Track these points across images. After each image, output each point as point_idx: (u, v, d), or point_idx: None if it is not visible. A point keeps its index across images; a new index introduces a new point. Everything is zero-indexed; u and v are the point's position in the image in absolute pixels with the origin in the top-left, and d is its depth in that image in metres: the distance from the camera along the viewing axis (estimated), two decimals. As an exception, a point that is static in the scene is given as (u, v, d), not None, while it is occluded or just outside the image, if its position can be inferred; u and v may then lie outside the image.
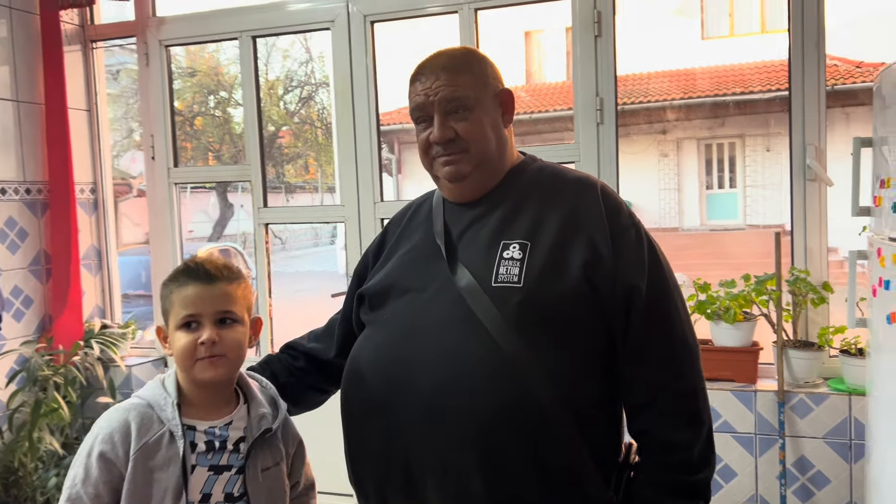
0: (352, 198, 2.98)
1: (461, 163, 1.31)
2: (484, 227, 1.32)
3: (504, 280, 1.24)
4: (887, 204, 1.97)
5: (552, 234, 1.26)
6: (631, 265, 1.25)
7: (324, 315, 1.60)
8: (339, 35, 2.94)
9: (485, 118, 1.32)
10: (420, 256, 1.36)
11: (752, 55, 11.70)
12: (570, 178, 1.36)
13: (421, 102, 1.32)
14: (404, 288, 1.33)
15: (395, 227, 1.48)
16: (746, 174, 12.19)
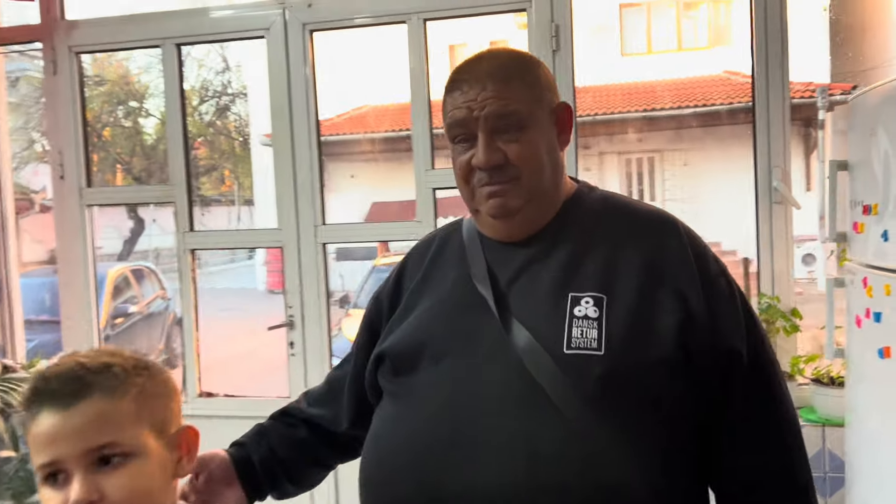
0: (290, 220, 2.72)
1: (510, 195, 1.05)
2: (541, 273, 1.05)
3: (580, 346, 0.97)
4: (874, 231, 1.89)
5: (632, 285, 1.01)
6: (728, 325, 1.02)
7: (253, 340, 1.32)
8: (274, 44, 2.70)
9: (540, 139, 1.06)
10: (457, 308, 1.08)
11: (669, 72, 11.99)
12: (643, 212, 1.12)
13: (462, 118, 1.05)
14: (440, 350, 1.05)
15: (415, 265, 1.18)
16: (665, 188, 12.47)
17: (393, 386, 1.09)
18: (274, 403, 2.78)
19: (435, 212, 2.65)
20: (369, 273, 6.66)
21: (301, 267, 2.71)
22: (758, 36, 2.42)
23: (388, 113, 11.18)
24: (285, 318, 2.75)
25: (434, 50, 2.62)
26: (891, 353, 1.79)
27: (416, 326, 1.09)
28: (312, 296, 2.71)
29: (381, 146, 11.45)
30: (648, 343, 0.97)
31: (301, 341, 2.73)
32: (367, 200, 11.50)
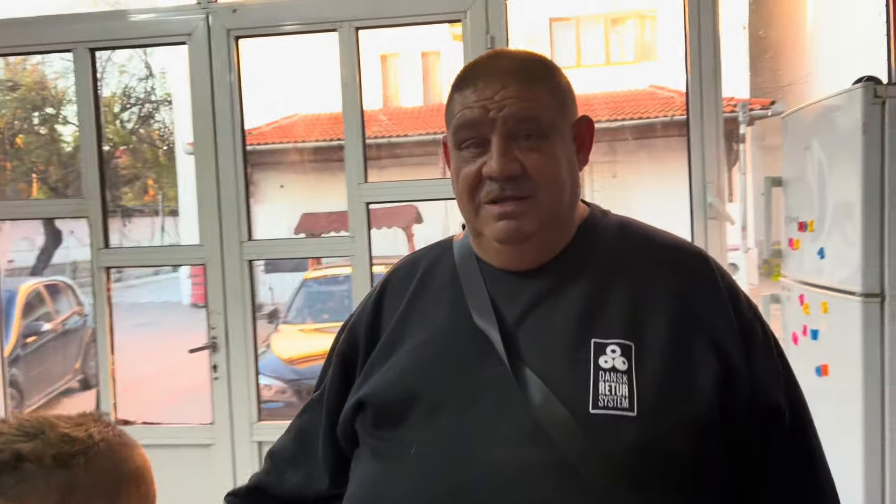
0: (213, 236, 2.57)
1: (524, 217, 0.88)
2: (556, 312, 0.89)
3: (608, 404, 0.82)
4: (810, 248, 1.89)
5: (664, 332, 0.86)
6: (768, 379, 0.88)
7: (174, 358, 1.15)
8: (197, 50, 2.55)
9: (562, 153, 0.91)
10: (454, 349, 0.91)
11: (598, 86, 12.23)
12: (670, 244, 0.96)
13: (474, 118, 0.89)
14: (436, 402, 0.88)
15: (396, 292, 1.00)
16: (594, 199, 12.68)
17: (375, 441, 0.92)
18: (197, 432, 2.64)
19: (368, 226, 2.55)
20: (300, 286, 6.47)
21: (225, 285, 2.56)
22: (691, 52, 2.42)
23: (319, 122, 11.01)
24: (207, 339, 2.60)
25: (365, 59, 2.53)
26: (829, 371, 1.79)
27: (405, 369, 0.92)
28: (237, 316, 2.56)
29: (311, 156, 11.25)
30: (685, 402, 0.83)
31: (225, 364, 2.57)
32: (296, 211, 11.28)
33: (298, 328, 5.87)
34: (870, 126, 1.59)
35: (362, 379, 0.95)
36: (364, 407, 0.93)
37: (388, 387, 0.91)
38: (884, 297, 1.61)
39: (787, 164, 2.06)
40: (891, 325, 1.61)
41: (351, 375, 0.99)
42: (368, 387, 0.93)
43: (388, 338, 0.96)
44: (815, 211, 1.85)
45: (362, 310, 1.03)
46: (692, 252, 0.96)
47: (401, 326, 0.96)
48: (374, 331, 0.98)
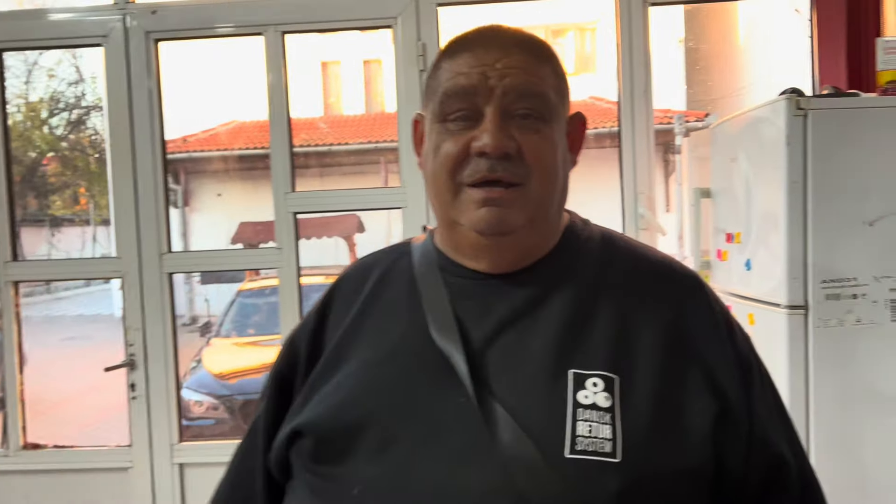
0: (130, 248, 2.45)
1: (512, 206, 0.76)
2: (531, 333, 0.76)
3: (588, 448, 0.69)
4: (737, 259, 1.89)
5: (653, 364, 0.74)
6: (766, 420, 0.77)
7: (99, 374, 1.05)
8: (113, 52, 2.43)
9: (559, 143, 0.79)
10: (410, 372, 0.78)
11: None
12: (659, 263, 0.84)
13: (471, 85, 0.76)
14: (387, 434, 0.75)
15: (344, 302, 0.86)
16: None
17: (314, 477, 0.78)
18: (113, 455, 2.50)
19: (296, 237, 2.47)
20: (234, 298, 6.28)
21: (143, 300, 2.43)
22: (623, 65, 2.42)
23: (256, 129, 10.81)
24: (125, 356, 2.47)
25: (307, 66, 2.45)
26: (756, 383, 1.79)
27: (351, 394, 0.78)
28: (157, 332, 2.44)
29: (248, 164, 11.04)
30: (676, 447, 0.72)
31: (144, 383, 2.44)
32: (234, 220, 11.04)
33: (232, 342, 5.70)
34: (793, 138, 1.59)
35: (301, 402, 0.82)
36: (301, 437, 0.79)
37: (331, 414, 0.77)
38: (808, 308, 1.61)
39: (715, 176, 2.06)
40: (815, 336, 1.61)
41: (289, 399, 0.85)
42: (307, 413, 0.80)
43: (332, 354, 0.82)
44: (742, 223, 1.85)
45: (304, 323, 0.89)
46: (684, 273, 0.84)
47: (347, 342, 0.82)
48: (317, 346, 0.85)
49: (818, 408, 1.62)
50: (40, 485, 2.50)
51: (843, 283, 1.61)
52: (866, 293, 1.61)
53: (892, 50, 1.68)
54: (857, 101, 1.65)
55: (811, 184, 1.60)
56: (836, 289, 1.60)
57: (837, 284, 1.61)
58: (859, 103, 1.65)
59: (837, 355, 1.62)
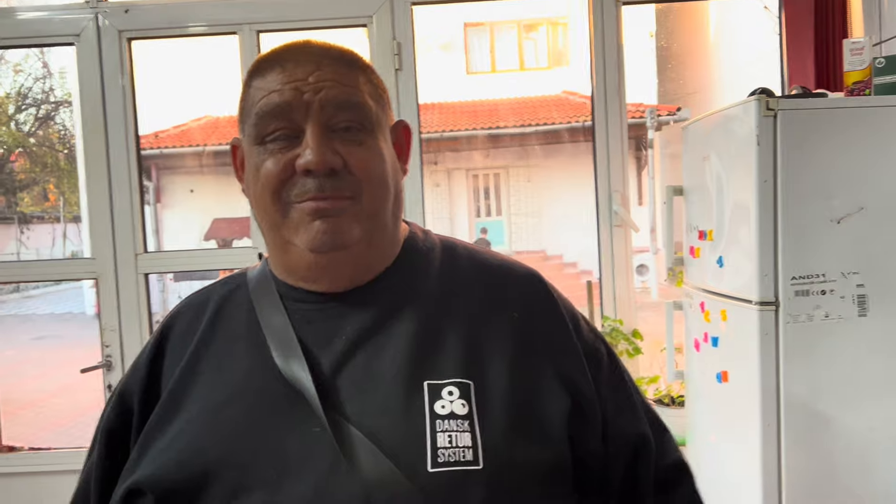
0: (105, 249, 2.43)
1: (345, 217, 0.73)
2: (381, 351, 0.74)
3: (450, 459, 0.68)
4: (709, 256, 1.93)
5: (504, 366, 0.74)
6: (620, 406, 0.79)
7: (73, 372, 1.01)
8: (86, 52, 2.41)
9: (387, 153, 0.77)
10: (257, 411, 0.73)
11: (512, 91, 12.38)
12: (500, 267, 0.84)
13: (285, 102, 0.73)
14: (237, 482, 0.69)
15: (179, 341, 0.81)
16: (511, 203, 12.83)
17: None
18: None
19: (273, 237, 2.46)
20: (209, 296, 6.22)
21: (119, 300, 2.42)
22: (596, 60, 2.45)
23: (229, 124, 10.71)
24: (102, 357, 2.45)
25: None
26: (728, 378, 1.83)
27: (192, 442, 0.72)
28: (134, 332, 2.43)
29: (221, 159, 10.94)
30: (535, 445, 0.72)
31: (121, 384, 2.43)
32: (207, 216, 10.93)
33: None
34: (763, 138, 1.62)
35: (136, 456, 0.74)
36: (140, 495, 0.72)
37: (172, 466, 0.71)
38: (778, 304, 1.65)
39: (687, 174, 2.10)
40: (785, 331, 1.65)
41: (121, 456, 0.78)
42: (145, 467, 0.72)
43: (168, 401, 0.76)
44: (714, 220, 1.89)
45: (133, 371, 0.81)
46: (525, 273, 0.84)
47: (184, 385, 0.76)
48: (150, 396, 0.78)
49: (789, 400, 1.66)
50: (16, 487, 2.48)
51: (811, 279, 1.65)
52: (834, 289, 1.65)
53: (858, 51, 1.72)
54: (825, 102, 1.69)
55: (781, 183, 1.63)
56: (805, 285, 1.64)
57: (806, 281, 1.64)
58: (827, 104, 1.69)
59: (807, 350, 1.66)
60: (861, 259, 1.65)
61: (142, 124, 2.48)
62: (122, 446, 0.78)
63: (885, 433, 1.65)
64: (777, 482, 1.68)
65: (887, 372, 1.66)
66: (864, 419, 1.67)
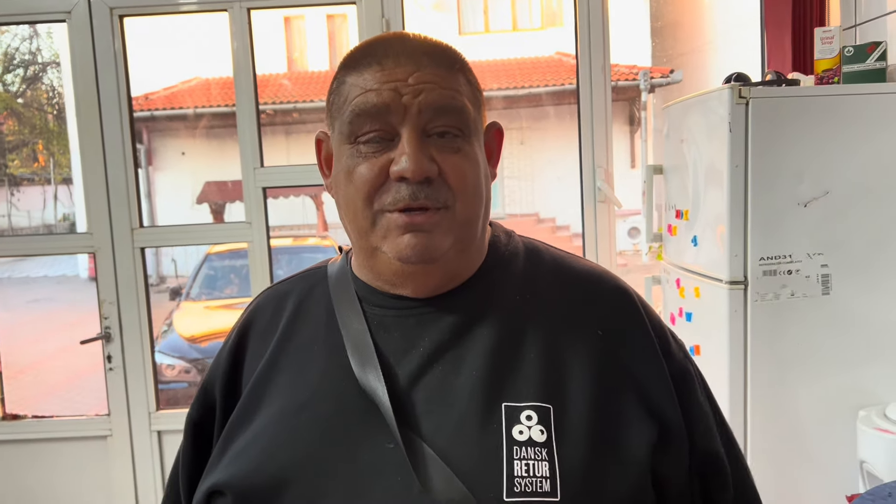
0: (103, 224, 2.49)
1: (437, 230, 0.71)
2: (460, 366, 0.72)
3: (527, 489, 0.65)
4: (685, 235, 2.01)
5: (587, 389, 0.71)
6: (703, 425, 0.76)
7: (70, 334, 1.01)
8: (78, 29, 2.43)
9: (481, 159, 0.74)
10: (331, 420, 0.72)
11: (505, 52, 12.31)
12: (585, 276, 0.80)
13: (383, 103, 0.70)
14: (311, 492, 0.69)
15: (259, 338, 0.81)
16: (504, 166, 12.85)
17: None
18: (92, 424, 2.58)
19: (265, 211, 2.53)
20: (202, 261, 6.30)
21: (117, 274, 2.49)
22: (581, 28, 2.47)
23: (220, 86, 10.64)
24: (101, 329, 2.53)
25: (268, 21, 2.47)
26: (700, 351, 1.92)
27: (268, 447, 0.72)
28: (132, 305, 2.50)
29: (212, 122, 10.89)
30: (617, 477, 0.69)
31: (120, 355, 2.52)
32: (199, 179, 10.92)
33: (202, 305, 5.75)
34: (735, 125, 1.69)
35: (218, 453, 0.76)
36: (221, 495, 0.73)
37: (249, 471, 0.72)
38: (747, 283, 1.74)
39: (667, 154, 2.17)
40: (753, 309, 1.74)
41: (206, 447, 0.81)
42: (223, 469, 0.74)
43: (248, 400, 0.77)
44: (690, 200, 1.96)
45: (216, 364, 0.83)
46: (613, 286, 0.79)
47: (263, 385, 0.77)
48: (233, 388, 0.80)
49: (755, 374, 1.76)
50: (21, 454, 2.58)
51: (779, 259, 1.73)
52: (800, 269, 1.74)
53: (829, 40, 1.78)
54: (794, 91, 1.76)
55: (751, 167, 1.71)
56: (772, 265, 1.73)
57: (774, 261, 1.73)
58: (796, 92, 1.75)
59: (773, 327, 1.75)
60: (826, 241, 1.73)
61: (132, 87, 2.52)
62: (205, 437, 0.82)
63: (843, 403, 1.76)
64: (743, 447, 1.80)
65: (847, 346, 1.76)
66: (824, 390, 1.77)
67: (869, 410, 1.67)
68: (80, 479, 2.59)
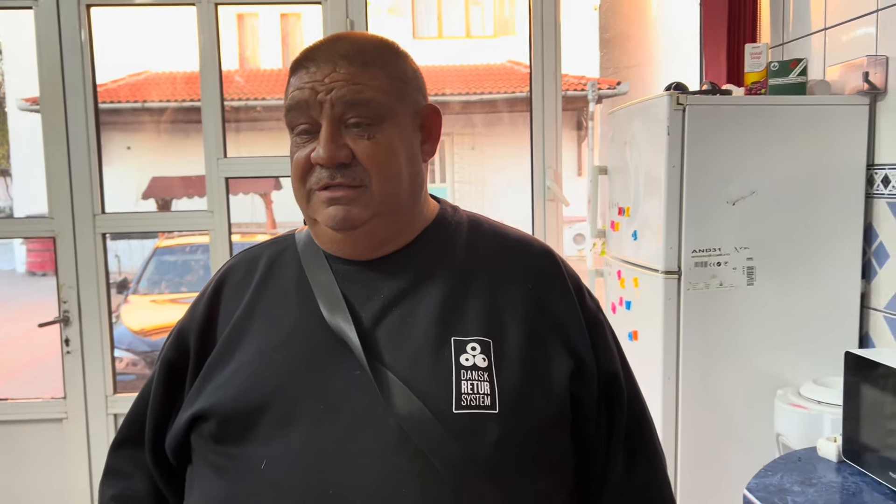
0: (64, 209, 2.53)
1: (355, 203, 0.85)
2: (415, 310, 0.86)
3: (471, 403, 0.81)
4: (626, 230, 2.17)
5: (519, 328, 0.87)
6: (608, 359, 0.93)
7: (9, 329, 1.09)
8: (44, 18, 2.48)
9: (398, 141, 0.87)
10: (306, 354, 0.85)
11: (458, 58, 12.47)
12: (520, 241, 0.96)
13: (303, 99, 0.85)
14: (288, 413, 0.82)
15: (234, 291, 0.94)
16: (455, 171, 13.01)
17: (218, 457, 0.84)
18: (48, 406, 2.60)
19: (227, 201, 2.60)
20: (151, 255, 6.26)
21: (77, 259, 2.53)
22: (535, 39, 2.62)
23: (172, 81, 10.52)
24: (59, 313, 2.56)
25: (222, 17, 2.54)
26: (638, 336, 2.08)
27: (250, 377, 0.85)
28: (91, 289, 2.55)
29: (161, 117, 10.75)
30: (542, 397, 0.85)
31: (78, 338, 2.56)
32: (145, 174, 10.76)
33: (150, 299, 5.73)
34: (672, 129, 1.85)
35: (197, 388, 0.88)
36: (204, 420, 0.85)
37: (233, 396, 0.84)
38: (680, 273, 1.90)
39: (611, 155, 2.33)
40: (685, 297, 1.90)
41: (177, 386, 0.93)
42: (206, 397, 0.86)
43: (226, 343, 0.89)
44: (631, 198, 2.12)
45: (192, 313, 0.95)
46: (540, 249, 0.96)
47: (241, 330, 0.89)
48: (208, 335, 0.92)
49: (686, 357, 1.92)
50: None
51: (709, 252, 1.90)
52: (728, 261, 1.91)
53: (757, 55, 1.96)
54: (726, 100, 1.93)
55: (686, 168, 1.87)
56: (703, 257, 1.90)
57: (705, 254, 1.90)
58: (728, 101, 1.93)
59: (703, 314, 1.92)
60: (751, 236, 1.91)
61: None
62: (176, 377, 0.93)
63: (763, 383, 1.93)
64: (675, 428, 1.96)
65: (768, 333, 1.94)
66: (747, 371, 1.95)
67: (786, 390, 1.84)
68: (35, 462, 2.61)
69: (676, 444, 1.95)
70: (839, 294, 1.96)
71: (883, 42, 1.85)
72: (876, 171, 1.92)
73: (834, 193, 1.93)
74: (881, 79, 1.85)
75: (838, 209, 1.93)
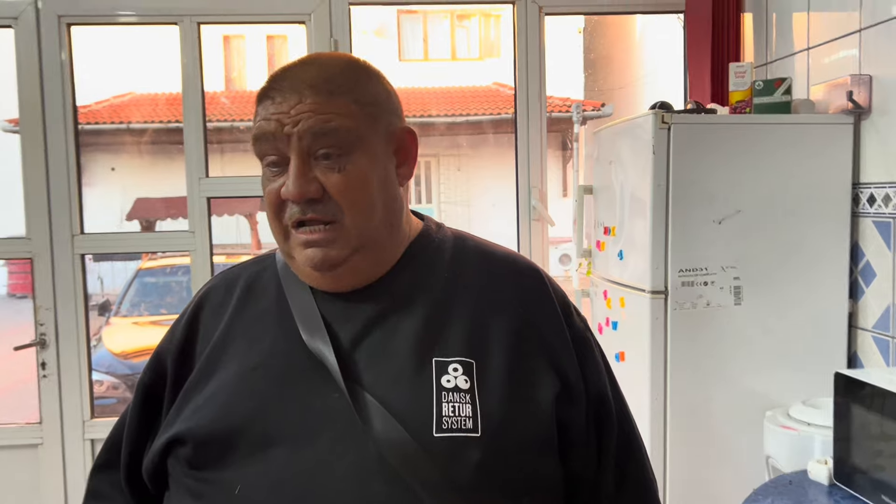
0: (42, 229, 2.49)
1: (332, 244, 0.83)
2: (395, 331, 0.84)
3: (452, 426, 0.78)
4: (612, 250, 2.15)
5: (503, 349, 0.84)
6: (595, 378, 0.90)
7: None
8: (24, 35, 2.45)
9: (370, 170, 0.84)
10: (284, 377, 0.83)
11: (443, 80, 12.55)
12: (505, 260, 0.93)
13: (269, 131, 0.81)
14: (265, 437, 0.80)
15: (213, 313, 0.91)
16: (441, 191, 13.02)
17: (195, 482, 0.82)
18: (23, 432, 2.54)
19: (209, 222, 2.57)
20: (133, 277, 6.18)
21: (55, 280, 2.48)
22: (519, 64, 2.63)
23: (155, 102, 10.49)
24: (35, 335, 2.51)
25: (207, 39, 2.53)
26: (625, 357, 2.06)
27: (226, 401, 0.83)
28: (69, 312, 2.50)
29: (145, 138, 10.70)
30: (527, 420, 0.82)
31: (55, 361, 2.50)
32: (129, 196, 10.69)
33: (132, 321, 5.64)
34: (657, 148, 1.84)
35: (175, 412, 0.86)
36: (181, 444, 0.83)
37: (209, 420, 0.82)
38: (667, 293, 1.88)
39: (596, 175, 2.32)
40: (672, 317, 1.88)
41: (154, 409, 0.91)
42: (184, 421, 0.84)
43: (204, 366, 0.87)
44: (617, 218, 2.11)
45: (171, 336, 0.93)
46: (526, 267, 0.93)
47: (219, 352, 0.87)
48: (186, 358, 0.89)
49: (674, 377, 1.90)
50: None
51: (696, 272, 1.89)
52: (714, 280, 1.89)
53: (741, 74, 1.97)
54: (711, 118, 1.93)
55: (672, 187, 1.86)
56: (690, 277, 1.88)
57: (691, 273, 1.89)
58: (712, 120, 1.93)
59: (691, 333, 1.90)
60: (738, 255, 1.90)
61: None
62: (154, 401, 0.91)
63: (752, 404, 1.91)
64: (663, 450, 1.93)
65: (756, 352, 1.92)
66: (735, 392, 1.93)
67: (775, 411, 1.82)
68: (10, 489, 2.54)
69: (665, 467, 1.92)
70: (827, 314, 1.94)
71: (866, 61, 1.86)
72: (861, 190, 1.92)
73: (820, 212, 1.92)
74: (865, 97, 1.85)
75: (824, 228, 1.93)
